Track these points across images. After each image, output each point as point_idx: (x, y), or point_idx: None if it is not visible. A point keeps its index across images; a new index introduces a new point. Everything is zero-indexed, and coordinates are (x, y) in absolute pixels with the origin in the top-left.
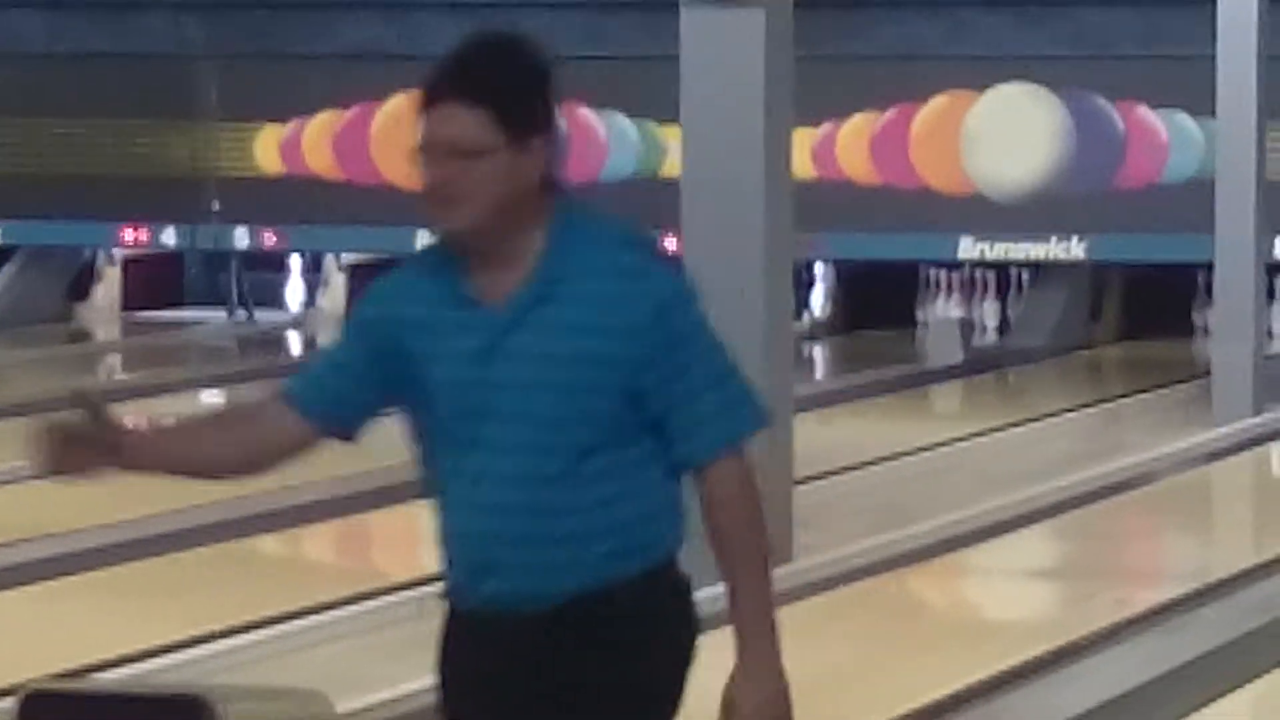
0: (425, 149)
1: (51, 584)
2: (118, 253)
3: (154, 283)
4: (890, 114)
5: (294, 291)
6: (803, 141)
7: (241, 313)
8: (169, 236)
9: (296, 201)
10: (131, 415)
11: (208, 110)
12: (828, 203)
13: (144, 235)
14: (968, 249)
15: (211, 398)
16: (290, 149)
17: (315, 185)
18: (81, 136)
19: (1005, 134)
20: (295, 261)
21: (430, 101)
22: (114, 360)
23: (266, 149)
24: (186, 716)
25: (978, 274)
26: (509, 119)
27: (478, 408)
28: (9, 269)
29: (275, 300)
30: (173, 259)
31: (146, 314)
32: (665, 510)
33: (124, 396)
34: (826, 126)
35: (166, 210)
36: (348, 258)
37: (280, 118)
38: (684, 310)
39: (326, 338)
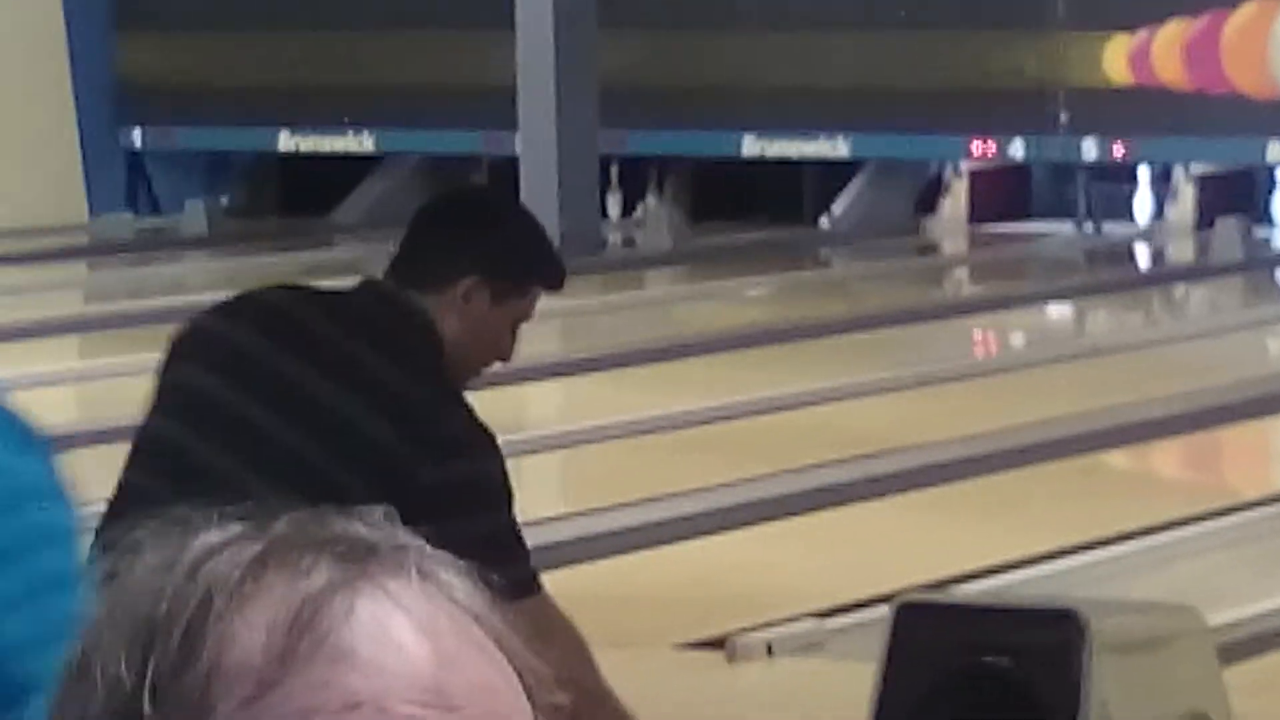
0: None
1: (911, 496)
2: (965, 165)
3: (1001, 195)
4: None
5: (1142, 203)
6: None
7: (1089, 225)
8: (1016, 149)
9: (1145, 112)
10: (979, 328)
11: (1056, 20)
12: None
13: (991, 148)
14: None
15: (1058, 310)
16: (1139, 58)
17: (1164, 95)
18: (916, 49)
19: None
20: (1143, 173)
21: None
22: (961, 273)
23: (1114, 58)
24: (1058, 630)
25: None
26: None
27: None
28: (858, 181)
29: (1123, 212)
30: (1019, 171)
31: (993, 226)
32: None
33: (971, 310)
34: None
35: (1013, 122)
36: (1197, 169)
37: (1129, 27)
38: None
39: (1175, 250)
